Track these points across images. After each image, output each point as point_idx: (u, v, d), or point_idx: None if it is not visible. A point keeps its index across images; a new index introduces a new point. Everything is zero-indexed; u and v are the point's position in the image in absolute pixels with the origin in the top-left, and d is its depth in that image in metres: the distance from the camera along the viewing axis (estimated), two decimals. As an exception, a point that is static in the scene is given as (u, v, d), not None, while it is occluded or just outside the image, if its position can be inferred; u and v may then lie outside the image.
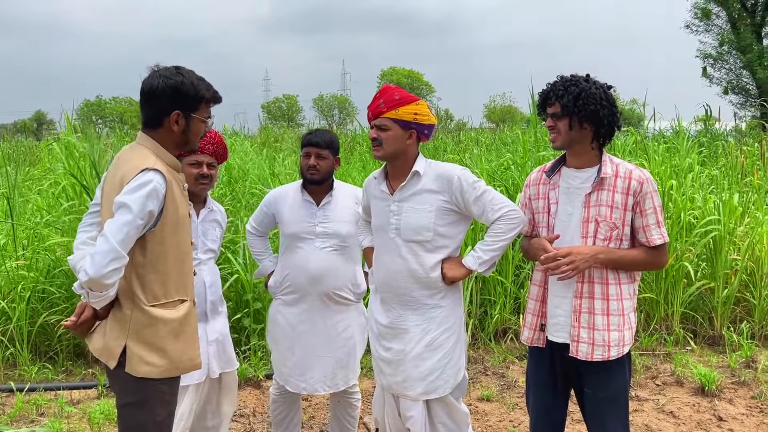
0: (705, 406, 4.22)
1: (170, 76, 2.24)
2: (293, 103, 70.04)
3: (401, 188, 2.74)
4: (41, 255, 5.33)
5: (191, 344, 2.34)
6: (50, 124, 53.61)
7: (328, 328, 3.25)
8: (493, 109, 58.18)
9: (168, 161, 2.27)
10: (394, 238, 2.75)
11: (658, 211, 2.50)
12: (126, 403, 2.26)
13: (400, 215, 2.73)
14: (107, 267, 2.02)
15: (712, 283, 5.46)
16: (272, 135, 15.84)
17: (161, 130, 2.27)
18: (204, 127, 2.34)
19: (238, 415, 4.14)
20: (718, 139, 10.69)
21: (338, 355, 3.28)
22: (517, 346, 5.28)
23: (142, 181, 2.12)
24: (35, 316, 4.94)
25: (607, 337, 2.49)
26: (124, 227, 2.06)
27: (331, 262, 3.21)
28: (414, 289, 2.73)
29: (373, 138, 2.71)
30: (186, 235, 2.33)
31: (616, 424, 2.58)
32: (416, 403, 2.74)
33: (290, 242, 3.28)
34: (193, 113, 2.27)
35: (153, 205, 2.13)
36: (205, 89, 2.29)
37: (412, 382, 2.72)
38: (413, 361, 2.72)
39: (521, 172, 6.22)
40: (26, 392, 4.38)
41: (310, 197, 3.27)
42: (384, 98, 2.69)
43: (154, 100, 2.24)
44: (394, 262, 2.75)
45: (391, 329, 2.78)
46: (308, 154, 3.23)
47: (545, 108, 2.59)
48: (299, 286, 3.24)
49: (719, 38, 21.26)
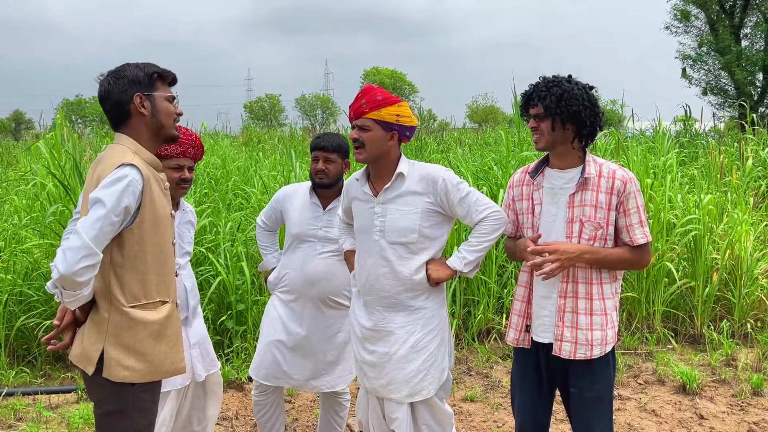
0: (686, 405, 4.26)
1: (115, 71, 2.25)
2: (276, 103, 69.68)
3: (385, 190, 2.72)
4: (19, 257, 5.24)
5: (174, 347, 2.28)
6: (29, 124, 52.85)
7: (319, 331, 3.24)
8: (475, 110, 58.38)
9: (147, 159, 2.23)
10: (378, 240, 2.72)
11: (641, 211, 2.52)
12: (105, 411, 2.20)
13: (385, 217, 2.71)
14: (79, 264, 1.96)
15: (692, 282, 5.52)
16: (255, 135, 15.73)
17: (132, 122, 2.24)
18: (172, 108, 2.30)
19: (220, 418, 4.10)
20: (698, 139, 10.82)
21: (327, 358, 3.27)
22: (501, 346, 5.29)
23: (117, 176, 2.07)
24: (13, 319, 4.85)
25: (590, 336, 2.51)
26: (97, 223, 2.01)
27: (329, 268, 3.21)
28: (398, 291, 2.71)
29: (355, 139, 2.68)
30: (167, 235, 2.28)
31: (602, 423, 2.59)
32: (401, 405, 2.73)
33: (293, 242, 3.28)
34: (152, 92, 2.25)
35: (129, 201, 2.07)
36: (153, 67, 2.27)
37: (397, 384, 2.70)
38: (398, 363, 2.70)
39: (504, 171, 6.24)
40: (4, 397, 4.30)
41: (318, 200, 3.27)
42: (366, 98, 2.66)
43: (111, 97, 2.22)
44: (378, 264, 2.73)
45: (375, 332, 2.76)
46: (317, 158, 3.21)
47: (528, 109, 2.59)
48: (295, 286, 3.24)
49: (698, 40, 21.49)
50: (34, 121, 46.35)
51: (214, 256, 5.12)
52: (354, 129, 2.70)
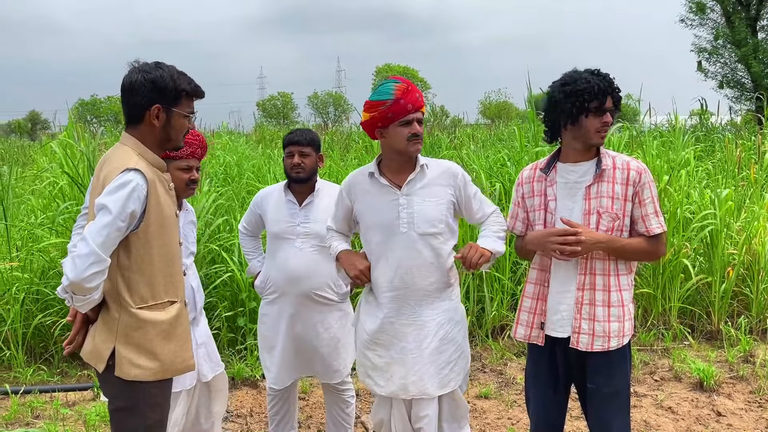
0: (703, 402, 4.21)
1: (149, 70, 2.20)
2: (288, 101, 69.85)
3: (409, 182, 2.71)
4: (36, 256, 5.29)
5: (183, 346, 2.30)
6: (44, 124, 53.43)
7: (308, 328, 3.25)
8: (488, 105, 58.16)
9: (151, 160, 2.23)
10: (407, 232, 2.69)
11: (655, 201, 2.54)
12: (117, 407, 2.23)
13: (412, 208, 2.69)
14: (87, 270, 1.99)
15: (709, 277, 5.46)
16: (268, 133, 15.78)
17: (142, 126, 2.23)
18: (186, 123, 2.28)
19: (234, 415, 4.12)
20: (714, 133, 10.69)
21: (321, 353, 3.29)
22: (514, 343, 5.26)
23: (122, 181, 2.08)
24: (30, 318, 4.90)
25: (608, 328, 2.50)
26: (104, 229, 2.02)
27: (310, 263, 3.21)
28: (431, 282, 2.71)
29: (417, 133, 2.65)
30: (173, 235, 2.28)
31: (619, 419, 2.57)
32: (431, 401, 2.72)
33: (273, 242, 3.31)
34: (173, 107, 2.22)
35: (134, 206, 2.08)
36: (186, 83, 2.24)
37: (429, 378, 2.69)
38: (431, 356, 2.70)
39: (517, 167, 6.20)
40: (21, 395, 4.35)
41: (293, 197, 3.28)
42: (418, 92, 2.67)
43: (133, 95, 2.20)
44: (409, 257, 2.70)
45: (406, 326, 2.72)
46: (291, 153, 3.23)
47: (600, 104, 2.49)
48: (279, 286, 3.26)
49: (714, 32, 21.27)
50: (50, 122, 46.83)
51: (227, 254, 5.14)
52: (412, 123, 2.64)
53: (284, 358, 3.29)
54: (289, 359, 3.30)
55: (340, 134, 14.07)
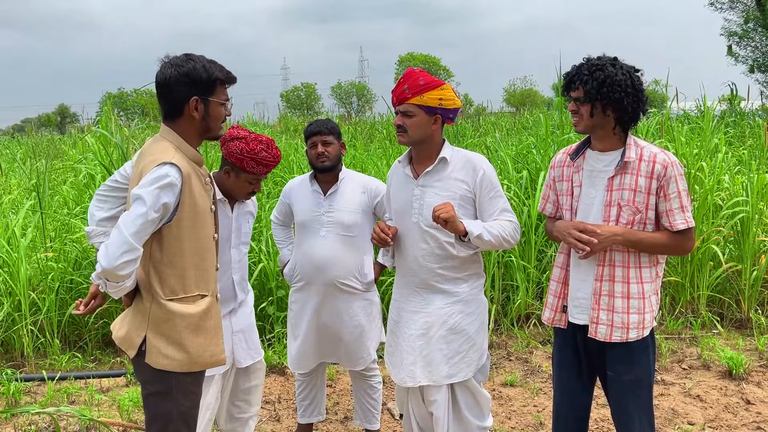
0: (732, 390, 4.17)
1: (181, 63, 2.23)
2: (312, 92, 70.01)
3: (426, 173, 2.74)
4: (69, 246, 5.42)
5: (213, 340, 2.33)
6: (73, 117, 54.31)
7: (333, 316, 3.30)
8: (512, 93, 57.61)
9: (189, 154, 2.27)
10: (417, 222, 2.75)
11: (682, 196, 2.46)
12: (150, 392, 2.28)
13: (423, 200, 2.73)
14: (120, 259, 2.04)
15: (739, 265, 5.38)
16: (291, 124, 15.86)
17: (182, 120, 2.27)
18: (223, 111, 2.32)
19: (263, 402, 4.19)
20: (745, 118, 10.46)
21: (345, 341, 3.34)
22: (540, 332, 5.26)
23: (158, 174, 2.13)
24: (64, 306, 5.03)
25: (627, 320, 2.49)
26: (137, 219, 2.07)
27: (335, 252, 3.25)
28: (437, 272, 2.74)
29: (398, 125, 2.68)
30: (207, 229, 2.32)
31: (639, 409, 2.56)
32: (440, 387, 2.75)
33: (300, 231, 3.37)
34: (209, 97, 2.26)
35: (168, 198, 2.13)
36: (218, 70, 2.27)
37: (436, 365, 2.73)
38: (437, 343, 2.73)
39: (543, 155, 6.16)
40: (57, 381, 4.48)
41: (318, 187, 3.33)
42: (408, 83, 2.64)
43: (169, 91, 2.24)
44: (417, 247, 2.75)
45: (415, 313, 2.78)
46: (314, 144, 3.28)
47: (569, 91, 2.55)
48: (306, 274, 3.32)
49: (744, 15, 20.74)
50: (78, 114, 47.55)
51: (255, 243, 5.20)
52: (397, 115, 2.70)
53: (306, 343, 3.37)
54: (310, 344, 3.37)
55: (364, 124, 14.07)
